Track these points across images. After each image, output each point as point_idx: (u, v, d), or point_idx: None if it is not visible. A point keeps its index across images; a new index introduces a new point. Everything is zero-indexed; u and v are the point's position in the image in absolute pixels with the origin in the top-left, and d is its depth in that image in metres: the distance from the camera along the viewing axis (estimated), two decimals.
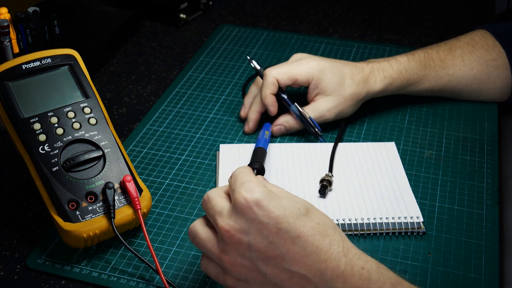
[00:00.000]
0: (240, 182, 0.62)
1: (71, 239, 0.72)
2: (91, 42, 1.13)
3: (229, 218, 0.61)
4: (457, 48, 0.97)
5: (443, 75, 0.96)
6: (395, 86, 0.94)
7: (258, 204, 0.60)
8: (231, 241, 0.61)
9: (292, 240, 0.59)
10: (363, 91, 0.92)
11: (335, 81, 0.90)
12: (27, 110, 0.75)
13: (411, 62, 0.95)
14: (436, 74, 0.95)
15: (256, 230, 0.60)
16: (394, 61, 0.95)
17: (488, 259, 0.75)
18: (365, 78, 0.92)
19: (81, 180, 0.73)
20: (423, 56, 0.96)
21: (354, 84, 0.91)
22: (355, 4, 1.33)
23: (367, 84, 0.92)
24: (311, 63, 0.91)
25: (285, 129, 0.93)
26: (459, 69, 0.96)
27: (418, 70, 0.94)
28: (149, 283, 0.72)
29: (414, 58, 0.95)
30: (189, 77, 1.08)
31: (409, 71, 0.94)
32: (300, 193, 0.82)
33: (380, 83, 0.93)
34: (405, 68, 0.94)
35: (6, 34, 0.89)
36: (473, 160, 0.89)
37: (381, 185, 0.83)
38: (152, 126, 0.96)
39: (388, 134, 0.94)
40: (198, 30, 1.23)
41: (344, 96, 0.91)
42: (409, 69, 0.94)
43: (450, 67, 0.96)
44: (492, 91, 0.98)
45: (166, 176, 0.87)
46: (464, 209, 0.81)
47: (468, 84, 0.97)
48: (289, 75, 0.91)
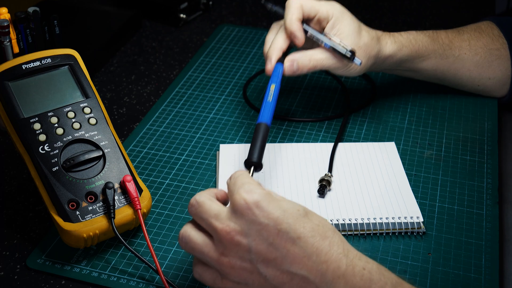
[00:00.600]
0: (240, 183, 0.62)
1: (71, 239, 0.72)
2: (91, 42, 1.13)
3: (228, 220, 0.60)
4: (465, 32, 0.97)
5: (449, 55, 0.96)
6: (404, 53, 0.92)
7: (258, 206, 0.60)
8: (230, 244, 0.60)
9: (292, 241, 0.59)
10: (375, 48, 0.89)
11: (352, 27, 0.86)
12: (27, 110, 0.75)
13: (420, 35, 0.94)
14: (443, 52, 0.95)
15: (256, 231, 0.59)
16: (404, 32, 0.94)
17: (488, 259, 0.75)
18: (378, 36, 0.90)
19: (81, 180, 0.73)
20: (432, 33, 0.96)
21: (369, 36, 0.88)
22: (355, 4, 1.33)
23: (380, 43, 0.90)
24: (334, 3, 0.88)
25: (297, 66, 0.84)
26: (465, 53, 0.96)
27: (427, 44, 0.94)
28: (149, 283, 0.72)
29: (423, 32, 0.95)
30: (189, 77, 1.08)
31: (418, 42, 0.93)
32: (299, 193, 0.82)
33: (391, 46, 0.91)
34: (415, 38, 0.93)
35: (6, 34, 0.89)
36: (473, 160, 0.89)
37: (381, 185, 0.83)
38: (152, 126, 0.96)
39: (388, 134, 0.94)
40: (198, 30, 1.23)
41: (359, 44, 0.87)
42: (418, 40, 0.93)
43: (457, 48, 0.96)
44: (491, 81, 0.98)
45: (166, 176, 0.87)
46: (464, 209, 0.81)
47: (470, 69, 0.97)
48: (312, 4, 0.85)
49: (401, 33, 0.93)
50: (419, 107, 1.00)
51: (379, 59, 0.90)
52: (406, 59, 0.93)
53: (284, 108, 1.00)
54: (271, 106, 0.79)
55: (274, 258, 0.59)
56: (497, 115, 0.98)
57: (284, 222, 0.59)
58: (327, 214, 0.78)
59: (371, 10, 1.31)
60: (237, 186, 0.62)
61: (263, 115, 0.78)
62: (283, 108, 1.00)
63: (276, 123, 0.97)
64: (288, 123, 0.97)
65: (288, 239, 0.59)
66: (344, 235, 0.77)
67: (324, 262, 0.59)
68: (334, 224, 0.77)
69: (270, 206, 0.60)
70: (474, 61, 0.96)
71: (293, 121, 0.97)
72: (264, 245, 0.59)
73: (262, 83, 1.06)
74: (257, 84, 1.06)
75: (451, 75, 0.98)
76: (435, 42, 0.95)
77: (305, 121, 0.97)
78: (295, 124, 0.96)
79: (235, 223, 0.60)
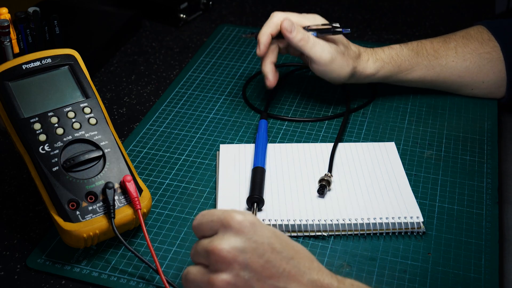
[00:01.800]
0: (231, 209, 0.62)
1: (71, 239, 0.72)
2: (91, 42, 1.13)
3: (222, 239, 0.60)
4: (452, 40, 0.98)
5: (435, 65, 0.96)
6: (387, 70, 0.95)
7: (254, 225, 0.60)
8: (226, 261, 0.59)
9: (286, 260, 0.60)
10: (354, 64, 0.93)
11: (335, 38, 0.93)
12: (27, 110, 0.75)
13: (404, 50, 0.96)
14: (428, 63, 0.96)
15: (252, 249, 0.59)
16: (387, 47, 0.97)
17: (488, 259, 0.75)
18: (359, 52, 0.94)
19: (81, 180, 0.73)
20: (416, 45, 0.97)
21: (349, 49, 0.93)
22: (355, 4, 1.33)
23: (360, 59, 0.94)
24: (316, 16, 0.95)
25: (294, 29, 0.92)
26: (452, 60, 0.96)
27: (410, 58, 0.96)
28: (149, 283, 0.72)
29: (407, 46, 0.97)
30: (189, 77, 1.08)
31: (401, 57, 0.95)
32: (299, 193, 0.82)
33: (372, 65, 0.94)
34: (397, 54, 0.95)
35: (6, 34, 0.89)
36: (473, 160, 0.89)
37: (381, 185, 0.83)
38: (152, 126, 0.96)
39: (388, 134, 0.94)
40: (198, 30, 1.24)
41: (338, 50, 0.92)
42: (400, 55, 0.95)
43: (443, 57, 0.96)
44: (485, 84, 0.98)
45: (166, 176, 0.87)
46: (464, 209, 0.81)
47: (461, 75, 0.97)
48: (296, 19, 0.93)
49: (383, 49, 0.96)
50: (419, 107, 1.00)
51: (360, 76, 0.95)
52: (389, 75, 0.96)
53: (284, 108, 1.00)
54: (263, 151, 0.87)
55: (270, 276, 0.59)
56: (497, 115, 0.98)
57: (276, 242, 0.60)
58: (327, 214, 0.78)
59: (371, 10, 1.31)
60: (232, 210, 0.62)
61: (258, 160, 0.85)
62: (283, 108, 1.00)
63: (276, 123, 0.97)
64: (288, 123, 0.97)
65: (283, 258, 0.59)
66: (344, 235, 0.77)
67: (317, 279, 0.60)
68: (334, 224, 0.77)
69: (263, 227, 0.61)
70: (463, 67, 0.97)
71: (293, 121, 0.97)
72: (260, 262, 0.59)
73: (262, 83, 1.06)
74: (257, 84, 1.06)
75: (441, 82, 0.99)
76: (419, 55, 0.96)
77: (305, 121, 0.97)
78: (295, 124, 0.96)
79: (229, 239, 0.59)
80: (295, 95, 1.03)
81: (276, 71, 0.94)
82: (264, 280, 0.59)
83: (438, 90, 1.02)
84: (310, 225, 0.77)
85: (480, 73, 0.97)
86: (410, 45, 0.97)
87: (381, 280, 0.72)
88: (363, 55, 0.94)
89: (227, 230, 0.60)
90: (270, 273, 0.59)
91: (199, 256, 0.61)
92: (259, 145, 0.88)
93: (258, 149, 0.87)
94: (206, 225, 0.62)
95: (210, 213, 0.62)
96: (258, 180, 0.82)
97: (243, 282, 0.58)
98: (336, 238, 0.77)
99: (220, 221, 0.61)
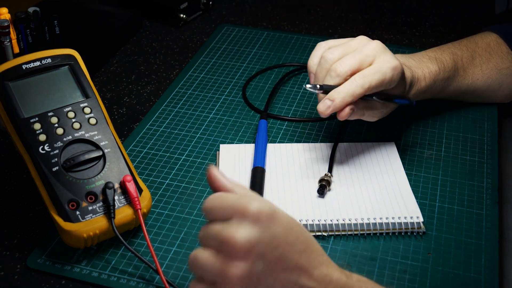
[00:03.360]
0: (251, 194, 0.61)
1: (71, 239, 0.72)
2: (91, 42, 1.13)
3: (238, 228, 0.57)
4: (477, 55, 0.95)
5: (462, 85, 0.95)
6: (419, 96, 0.91)
7: (270, 214, 0.58)
8: (241, 252, 0.56)
9: (299, 254, 0.59)
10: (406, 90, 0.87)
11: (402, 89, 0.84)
12: (27, 110, 0.75)
13: (440, 74, 0.91)
14: (457, 85, 0.94)
15: (267, 241, 0.58)
16: (428, 72, 0.90)
17: (488, 259, 0.75)
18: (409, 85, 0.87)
19: (81, 180, 0.73)
20: (451, 66, 0.92)
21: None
22: (355, 4, 1.33)
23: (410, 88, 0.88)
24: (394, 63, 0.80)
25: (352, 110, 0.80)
26: (477, 79, 0.95)
27: (444, 83, 0.92)
28: (149, 283, 0.72)
29: (444, 68, 0.91)
30: (189, 77, 1.08)
31: (437, 83, 0.91)
32: (299, 193, 0.82)
33: (411, 95, 0.89)
34: (434, 82, 0.91)
35: (6, 34, 0.89)
36: (473, 160, 0.89)
37: (381, 185, 0.83)
38: (152, 126, 0.96)
39: (388, 134, 0.94)
40: (198, 30, 1.24)
41: None
42: (437, 81, 0.91)
43: (470, 76, 0.95)
44: (497, 98, 0.99)
45: (166, 176, 0.87)
46: (464, 209, 0.81)
47: (481, 91, 0.97)
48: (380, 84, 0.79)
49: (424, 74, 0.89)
50: (419, 107, 1.00)
51: None
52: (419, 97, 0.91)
53: (284, 108, 1.00)
54: (263, 151, 0.87)
55: (284, 268, 0.58)
56: (497, 115, 0.98)
57: (291, 234, 0.59)
58: (327, 214, 0.78)
59: (371, 10, 1.31)
60: (248, 196, 0.60)
61: (258, 160, 0.85)
62: (283, 108, 1.00)
63: (276, 123, 0.97)
64: (288, 123, 0.97)
65: (296, 251, 0.59)
66: (344, 235, 0.77)
67: (327, 274, 0.60)
68: (334, 224, 0.77)
69: (280, 217, 0.59)
70: (486, 85, 0.96)
71: (293, 121, 0.97)
72: (275, 254, 0.58)
73: (262, 83, 1.06)
74: (257, 84, 1.06)
75: (459, 97, 0.98)
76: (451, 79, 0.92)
77: (305, 121, 0.97)
78: (295, 124, 0.96)
79: (247, 230, 0.57)
80: (295, 95, 1.03)
81: None
82: (277, 273, 0.58)
83: None
84: (310, 225, 0.77)
85: (499, 90, 0.97)
86: (446, 65, 0.91)
87: (381, 280, 0.72)
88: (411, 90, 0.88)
89: (243, 218, 0.57)
90: (283, 266, 0.58)
91: (210, 240, 0.59)
92: (259, 145, 0.88)
93: (258, 149, 0.87)
94: (219, 210, 0.59)
95: (223, 196, 0.60)
96: (258, 180, 0.82)
97: (256, 274, 0.57)
98: (336, 238, 0.77)
99: (235, 208, 0.58)
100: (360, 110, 0.82)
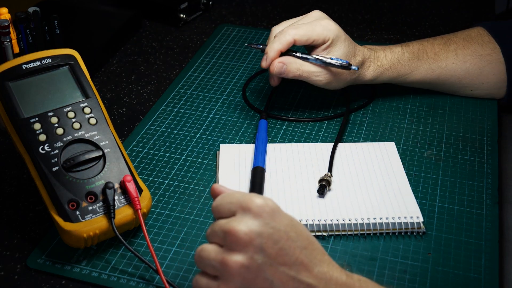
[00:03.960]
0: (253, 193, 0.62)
1: (71, 239, 0.72)
2: (91, 42, 1.13)
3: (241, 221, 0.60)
4: (452, 42, 0.98)
5: (435, 68, 0.97)
6: (385, 76, 0.96)
7: (272, 210, 0.60)
8: (242, 243, 0.59)
9: (300, 249, 0.60)
10: (353, 76, 0.94)
11: (346, 51, 0.91)
12: (27, 110, 0.75)
13: (405, 54, 0.96)
14: (428, 67, 0.96)
15: (268, 234, 0.59)
16: (389, 51, 0.96)
17: (488, 259, 0.75)
18: (363, 61, 0.94)
19: (81, 180, 0.73)
20: (417, 48, 0.97)
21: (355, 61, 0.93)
22: (355, 4, 1.33)
23: (362, 68, 0.94)
24: (329, 27, 0.90)
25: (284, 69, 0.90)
26: (452, 62, 0.97)
27: (410, 62, 0.96)
28: (149, 283, 0.72)
29: (408, 49, 0.97)
30: (189, 77, 1.08)
31: (401, 62, 0.96)
32: (299, 193, 0.82)
33: (372, 72, 0.95)
34: (398, 59, 0.95)
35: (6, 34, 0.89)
36: (473, 160, 0.89)
37: (381, 185, 0.83)
38: (152, 126, 0.96)
39: (388, 134, 0.94)
40: (198, 30, 1.24)
41: None
42: (401, 60, 0.96)
43: (443, 60, 0.97)
44: (485, 85, 0.98)
45: (166, 176, 0.87)
46: (464, 209, 0.81)
47: (460, 77, 0.98)
48: (305, 33, 0.89)
49: (385, 53, 0.95)
50: (419, 107, 1.00)
51: (358, 81, 0.96)
52: (387, 80, 0.97)
53: (284, 108, 1.00)
54: (263, 151, 0.87)
55: (283, 262, 0.59)
56: (497, 115, 0.98)
57: (292, 230, 0.60)
58: (327, 214, 0.78)
59: (371, 10, 1.31)
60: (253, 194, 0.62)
61: (258, 160, 0.85)
62: (283, 108, 1.00)
63: (276, 123, 0.97)
64: (288, 123, 0.97)
65: (297, 246, 0.60)
66: (344, 235, 0.77)
67: (327, 272, 0.61)
68: (334, 224, 0.77)
69: (282, 215, 0.61)
70: (463, 69, 0.97)
71: (293, 121, 0.97)
72: (275, 248, 0.59)
73: (262, 83, 1.06)
74: (257, 84, 1.06)
75: (440, 84, 0.99)
76: (420, 58, 0.96)
77: (305, 121, 0.97)
78: (295, 124, 0.96)
79: (247, 222, 0.60)
80: (295, 95, 1.03)
81: None
82: (276, 267, 0.59)
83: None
84: (310, 225, 0.77)
85: (480, 75, 0.97)
86: (411, 47, 0.97)
87: (381, 280, 0.72)
88: (365, 63, 0.94)
89: (246, 212, 0.60)
90: (283, 260, 0.59)
91: (215, 236, 0.61)
92: (259, 145, 0.88)
93: (258, 149, 0.87)
94: (225, 206, 0.62)
95: (230, 195, 0.62)
96: (258, 180, 0.82)
97: (256, 266, 0.59)
98: (336, 238, 0.77)
99: (239, 203, 0.61)
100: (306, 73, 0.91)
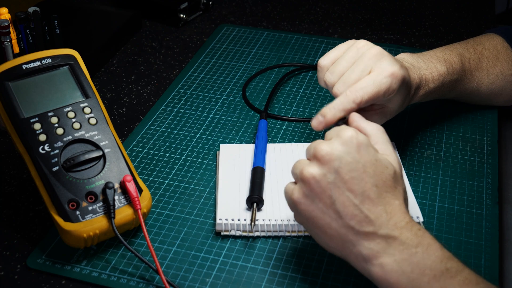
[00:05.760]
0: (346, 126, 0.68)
1: (71, 239, 0.72)
2: (91, 42, 1.13)
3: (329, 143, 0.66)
4: (484, 58, 0.94)
5: (468, 88, 0.94)
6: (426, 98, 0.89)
7: (359, 144, 0.65)
8: (322, 160, 0.65)
9: (370, 185, 0.64)
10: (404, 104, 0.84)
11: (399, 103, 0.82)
12: (27, 110, 0.75)
13: (448, 76, 0.89)
14: (463, 87, 0.93)
15: (347, 162, 0.64)
16: (436, 73, 0.87)
17: (488, 259, 0.75)
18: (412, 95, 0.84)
19: (81, 180, 0.73)
20: (459, 67, 0.90)
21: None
22: (355, 4, 1.34)
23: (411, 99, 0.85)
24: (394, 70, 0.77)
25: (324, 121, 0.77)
26: (482, 83, 0.94)
27: (451, 85, 0.90)
28: (149, 283, 0.72)
29: (452, 70, 0.89)
30: (189, 77, 1.08)
31: (445, 86, 0.89)
32: None
33: (418, 98, 0.87)
34: (443, 84, 0.88)
35: (6, 34, 0.89)
36: (473, 160, 0.89)
37: None
38: (152, 126, 0.96)
39: (388, 134, 0.94)
40: (198, 30, 1.24)
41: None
42: (445, 84, 0.89)
43: (475, 79, 0.94)
44: (498, 102, 0.99)
45: (166, 176, 0.87)
46: (464, 209, 0.81)
47: (482, 96, 0.97)
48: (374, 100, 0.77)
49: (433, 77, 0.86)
50: (419, 107, 1.00)
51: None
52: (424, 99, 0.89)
53: (284, 108, 1.00)
54: (263, 151, 0.87)
55: (351, 189, 0.64)
56: (497, 115, 0.98)
57: (371, 168, 0.65)
58: None
59: (371, 10, 1.31)
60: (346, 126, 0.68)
61: (257, 160, 0.85)
62: (283, 108, 1.00)
63: (276, 123, 0.97)
64: (288, 123, 0.97)
65: (369, 182, 0.64)
66: None
67: (388, 213, 0.64)
68: None
69: (368, 151, 0.66)
70: (488, 90, 0.95)
71: (293, 121, 0.97)
72: (349, 175, 0.64)
73: (262, 83, 1.06)
74: (257, 84, 1.06)
75: (461, 100, 0.98)
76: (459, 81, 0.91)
77: (305, 121, 0.97)
78: (295, 124, 0.96)
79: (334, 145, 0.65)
80: (295, 95, 1.03)
81: None
82: (343, 190, 0.64)
83: None
84: None
85: (500, 96, 0.97)
86: (454, 67, 0.89)
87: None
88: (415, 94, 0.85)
89: (336, 138, 0.66)
90: (351, 188, 0.64)
91: (308, 152, 0.68)
92: (259, 145, 0.88)
93: (258, 149, 0.87)
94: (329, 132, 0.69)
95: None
96: (258, 180, 0.82)
97: (326, 183, 0.65)
98: None
99: (336, 131, 0.67)
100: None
